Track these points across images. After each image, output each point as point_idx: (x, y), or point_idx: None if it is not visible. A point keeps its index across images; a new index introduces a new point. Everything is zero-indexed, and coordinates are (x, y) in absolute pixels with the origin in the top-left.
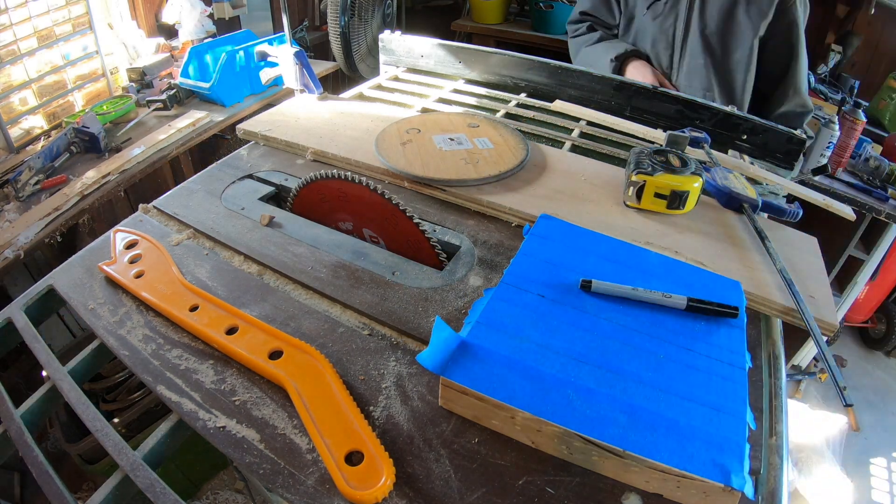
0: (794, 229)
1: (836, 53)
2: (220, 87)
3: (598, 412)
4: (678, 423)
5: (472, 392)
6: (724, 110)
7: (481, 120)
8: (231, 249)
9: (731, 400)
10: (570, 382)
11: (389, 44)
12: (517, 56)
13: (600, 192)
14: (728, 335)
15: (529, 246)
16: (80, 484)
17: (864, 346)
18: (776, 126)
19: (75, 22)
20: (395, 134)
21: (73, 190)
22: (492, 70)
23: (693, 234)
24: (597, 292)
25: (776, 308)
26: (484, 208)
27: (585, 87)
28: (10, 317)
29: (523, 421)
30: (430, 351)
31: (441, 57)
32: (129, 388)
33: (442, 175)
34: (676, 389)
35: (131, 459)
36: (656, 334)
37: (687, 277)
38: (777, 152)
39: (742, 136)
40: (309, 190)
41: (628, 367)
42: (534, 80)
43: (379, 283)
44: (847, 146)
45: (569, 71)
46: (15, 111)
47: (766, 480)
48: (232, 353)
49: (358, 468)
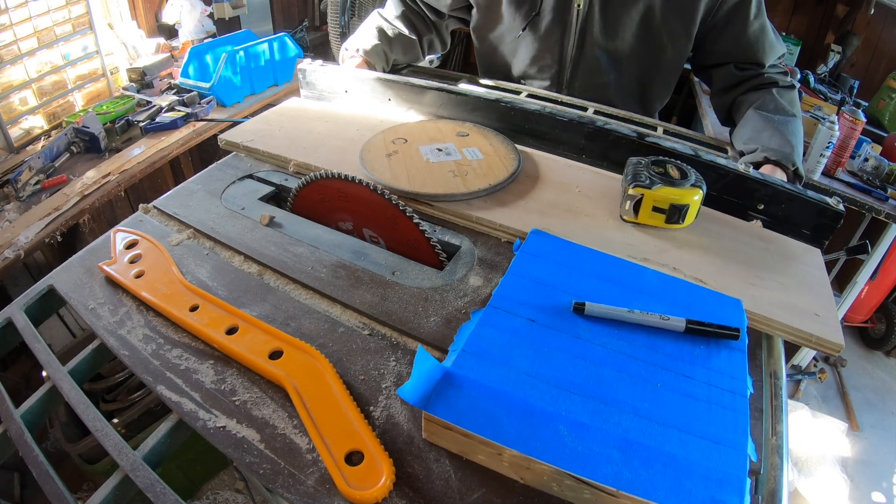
0: (796, 240)
1: (836, 53)
2: (220, 87)
3: (591, 448)
4: (675, 457)
5: (457, 428)
6: (735, 171)
7: (471, 128)
8: (231, 249)
9: (732, 431)
10: (561, 416)
11: (309, 76)
12: (459, 93)
13: (596, 205)
14: (729, 359)
15: (519, 265)
16: (80, 484)
17: (864, 346)
18: (803, 193)
19: (75, 22)
20: (380, 144)
21: (73, 190)
22: (427, 110)
23: (693, 250)
24: (590, 315)
25: (779, 328)
26: (473, 224)
27: (547, 134)
28: (10, 317)
29: (511, 458)
30: (412, 383)
31: (367, 92)
32: (129, 388)
33: (429, 189)
34: (674, 421)
35: (131, 459)
36: (653, 360)
37: (686, 296)
38: (803, 227)
39: (758, 204)
40: (309, 190)
41: (623, 398)
42: (480, 122)
43: (379, 283)
44: (847, 146)
45: (525, 113)
46: (15, 111)
47: (766, 480)
48: (232, 353)
49: (358, 468)
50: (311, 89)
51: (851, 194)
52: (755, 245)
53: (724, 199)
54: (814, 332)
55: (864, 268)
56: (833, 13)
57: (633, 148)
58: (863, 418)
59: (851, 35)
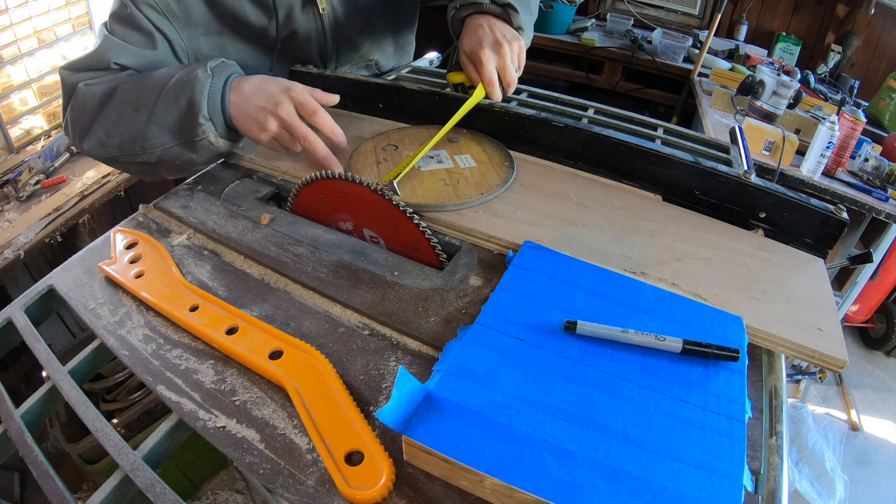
0: (799, 249)
1: (836, 53)
2: None
3: (576, 478)
4: (665, 489)
5: (437, 453)
6: (735, 178)
7: (464, 134)
8: (231, 249)
9: (727, 460)
10: (547, 443)
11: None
12: (452, 97)
13: (592, 216)
14: (727, 381)
15: (510, 279)
16: (80, 484)
17: (864, 346)
18: (807, 202)
19: (75, 22)
20: (370, 152)
21: (73, 190)
22: (419, 114)
23: (692, 262)
24: (582, 334)
25: (781, 344)
26: (465, 235)
27: (543, 140)
28: (10, 317)
29: (493, 486)
30: (391, 405)
31: (358, 97)
32: (129, 388)
33: (419, 199)
34: (666, 449)
35: (131, 459)
36: (647, 383)
37: (684, 313)
38: (806, 236)
39: (759, 213)
40: (309, 190)
41: (613, 423)
42: (475, 128)
43: (379, 283)
44: (847, 146)
45: (520, 118)
46: (15, 111)
47: (766, 480)
48: (232, 353)
49: (358, 468)
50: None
51: (851, 194)
52: (757, 256)
53: (725, 208)
54: (817, 349)
55: (864, 268)
56: (833, 13)
57: (630, 155)
58: (863, 418)
59: (851, 35)
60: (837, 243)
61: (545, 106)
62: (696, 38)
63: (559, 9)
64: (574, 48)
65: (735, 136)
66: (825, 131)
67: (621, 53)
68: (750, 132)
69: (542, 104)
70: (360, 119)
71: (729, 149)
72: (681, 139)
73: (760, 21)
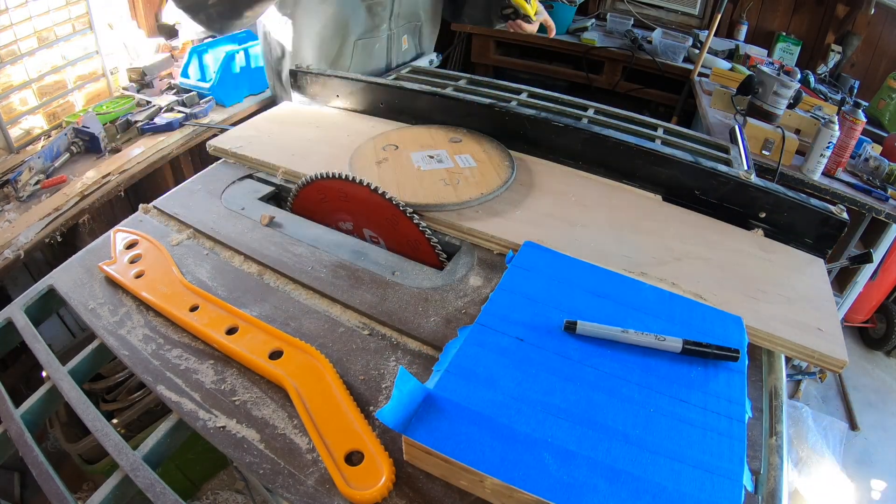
0: (799, 249)
1: (836, 53)
2: (220, 88)
3: (576, 478)
4: (665, 489)
5: (437, 453)
6: (735, 178)
7: (464, 133)
8: (231, 249)
9: (727, 460)
10: (547, 443)
11: (301, 80)
12: (452, 97)
13: (592, 215)
14: (727, 381)
15: (510, 279)
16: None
17: (864, 346)
18: (807, 202)
19: (75, 22)
20: (370, 152)
21: (73, 190)
22: (419, 114)
23: (692, 262)
24: (582, 334)
25: (781, 344)
26: (464, 235)
27: (543, 140)
28: (10, 317)
29: (493, 486)
30: (392, 405)
31: (360, 97)
32: (129, 388)
33: (419, 199)
34: (666, 449)
35: (131, 459)
36: (647, 383)
37: (684, 313)
38: (806, 236)
39: (759, 213)
40: (309, 190)
41: (613, 423)
42: (475, 128)
43: (379, 283)
44: (847, 146)
45: (520, 118)
46: (15, 111)
47: (766, 480)
48: (232, 353)
49: (358, 468)
50: (302, 93)
51: (851, 194)
52: (757, 256)
53: (725, 207)
54: (816, 349)
55: (864, 268)
56: (833, 13)
57: (630, 154)
58: (863, 418)
59: (851, 35)
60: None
61: (545, 106)
62: (696, 38)
63: (559, 9)
64: (574, 48)
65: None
66: (825, 131)
67: (621, 53)
68: (750, 132)
69: (542, 104)
70: (361, 119)
71: (729, 149)
72: (681, 139)
73: (760, 21)
